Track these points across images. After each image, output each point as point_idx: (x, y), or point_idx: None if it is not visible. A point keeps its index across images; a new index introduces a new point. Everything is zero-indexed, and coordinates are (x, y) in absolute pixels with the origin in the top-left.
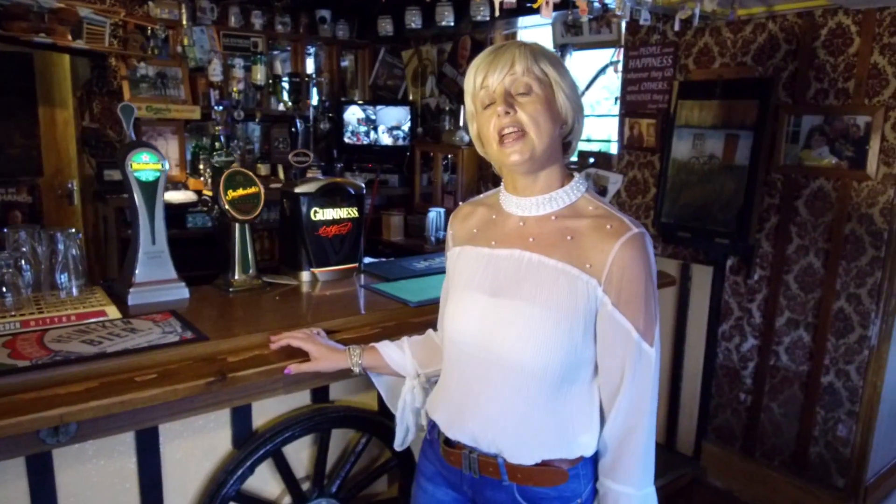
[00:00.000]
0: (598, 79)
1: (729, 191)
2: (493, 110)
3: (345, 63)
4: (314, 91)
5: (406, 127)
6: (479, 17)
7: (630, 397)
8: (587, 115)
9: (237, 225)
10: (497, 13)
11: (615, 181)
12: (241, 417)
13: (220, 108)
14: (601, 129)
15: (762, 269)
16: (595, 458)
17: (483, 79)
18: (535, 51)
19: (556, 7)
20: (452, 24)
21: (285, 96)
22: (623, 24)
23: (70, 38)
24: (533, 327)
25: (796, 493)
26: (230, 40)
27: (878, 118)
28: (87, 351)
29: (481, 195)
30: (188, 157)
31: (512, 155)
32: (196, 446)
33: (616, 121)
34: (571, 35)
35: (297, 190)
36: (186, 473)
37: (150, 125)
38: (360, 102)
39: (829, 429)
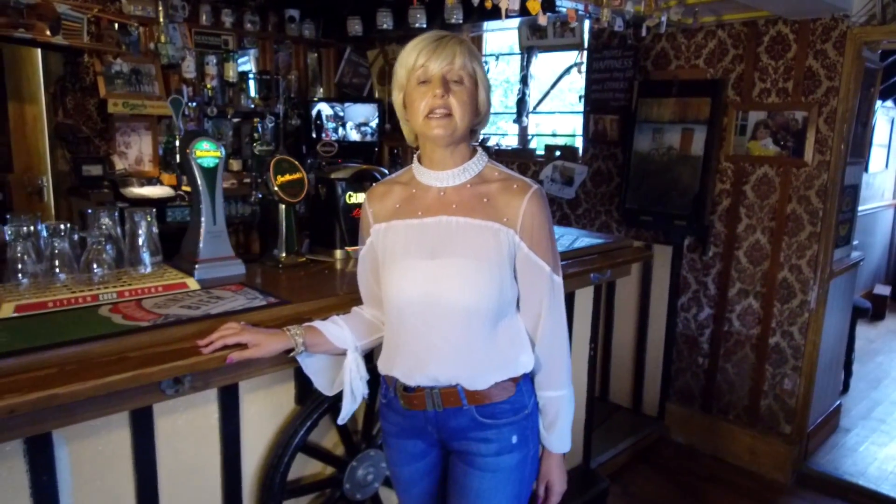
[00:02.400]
0: (562, 78)
1: (685, 178)
2: (428, 89)
3: (308, 61)
4: (282, 88)
5: (374, 123)
6: (453, 20)
7: (551, 320)
8: (554, 112)
9: (283, 207)
10: (503, 16)
11: (581, 172)
12: (303, 376)
13: (194, 104)
14: (566, 124)
15: (716, 246)
16: (533, 376)
17: (425, 61)
18: (470, 51)
19: (524, 13)
20: (425, 26)
21: (253, 93)
22: (586, 29)
23: (49, 33)
24: (470, 276)
25: (750, 441)
26: (201, 38)
27: (813, 113)
28: (192, 314)
29: (391, 175)
30: (160, 152)
31: (436, 129)
32: (267, 402)
33: (580, 117)
34: (536, 38)
35: (333, 176)
36: (259, 427)
37: (124, 121)
38: (327, 99)
39: (777, 383)
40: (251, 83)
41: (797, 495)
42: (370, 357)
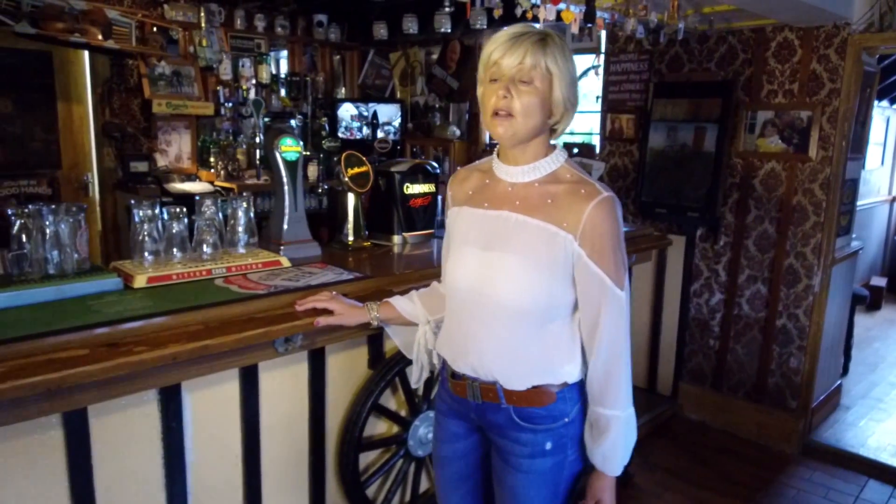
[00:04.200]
0: (580, 80)
1: (698, 173)
2: (496, 87)
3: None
4: (310, 89)
5: (397, 123)
6: (477, 26)
7: (608, 334)
8: None
9: (352, 196)
10: (541, 21)
11: (598, 168)
12: (374, 343)
13: (230, 104)
14: (584, 123)
15: (726, 236)
16: (580, 385)
17: (498, 58)
18: (547, 48)
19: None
20: (449, 30)
21: (283, 93)
22: (603, 35)
23: (101, 38)
24: (519, 275)
25: (758, 417)
26: (236, 41)
27: (817, 113)
28: (296, 284)
29: (476, 161)
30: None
31: (497, 128)
32: (345, 365)
33: (598, 116)
34: None
35: (392, 169)
36: (339, 387)
37: (165, 120)
38: (352, 99)
39: (783, 362)
40: (281, 84)
41: (803, 464)
42: None
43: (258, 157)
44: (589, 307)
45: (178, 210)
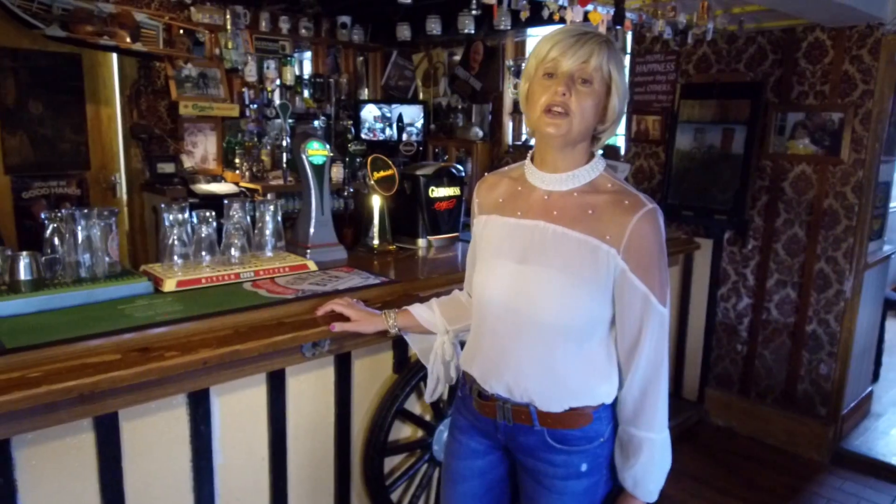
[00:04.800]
0: None
1: (726, 175)
2: (552, 83)
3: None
4: (333, 90)
5: (419, 124)
6: (501, 27)
7: (648, 353)
8: None
9: (378, 199)
10: (568, 21)
11: (623, 170)
12: (399, 348)
13: (254, 106)
14: None
15: (755, 239)
16: (613, 403)
17: (557, 54)
18: (612, 52)
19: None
20: (473, 31)
21: (307, 94)
22: (629, 35)
23: (129, 40)
24: (558, 290)
25: (787, 423)
26: (261, 43)
27: (849, 114)
28: (323, 289)
29: (505, 168)
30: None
31: (549, 127)
32: (371, 370)
33: (623, 117)
34: None
35: (418, 172)
36: (364, 392)
37: (192, 122)
38: (374, 100)
39: (813, 368)
40: (305, 86)
41: (833, 473)
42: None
43: (285, 160)
44: (629, 324)
45: (206, 214)
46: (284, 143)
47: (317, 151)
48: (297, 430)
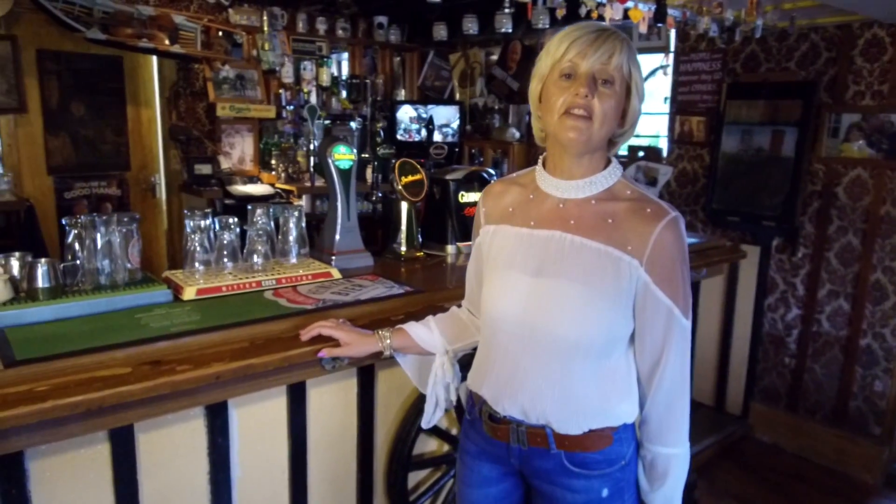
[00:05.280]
0: (647, 80)
1: (775, 180)
2: (571, 84)
3: (392, 65)
4: (369, 91)
5: (455, 125)
6: (539, 26)
7: (672, 369)
8: None
9: (405, 205)
10: (606, 20)
11: (665, 172)
12: None
13: (291, 107)
14: (651, 125)
15: (805, 247)
16: (634, 422)
17: (575, 54)
18: (632, 52)
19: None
20: (510, 30)
21: (344, 95)
22: (672, 33)
23: (167, 42)
24: (577, 305)
25: (837, 442)
26: (298, 44)
27: None
28: (345, 299)
29: (513, 174)
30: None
31: (570, 131)
32: (394, 382)
33: (666, 118)
34: None
35: (447, 177)
36: (388, 405)
37: (229, 123)
38: (410, 101)
39: (867, 385)
40: (341, 87)
41: (886, 496)
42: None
43: (312, 163)
44: (652, 339)
45: (228, 220)
46: (312, 147)
47: (343, 156)
48: (319, 443)
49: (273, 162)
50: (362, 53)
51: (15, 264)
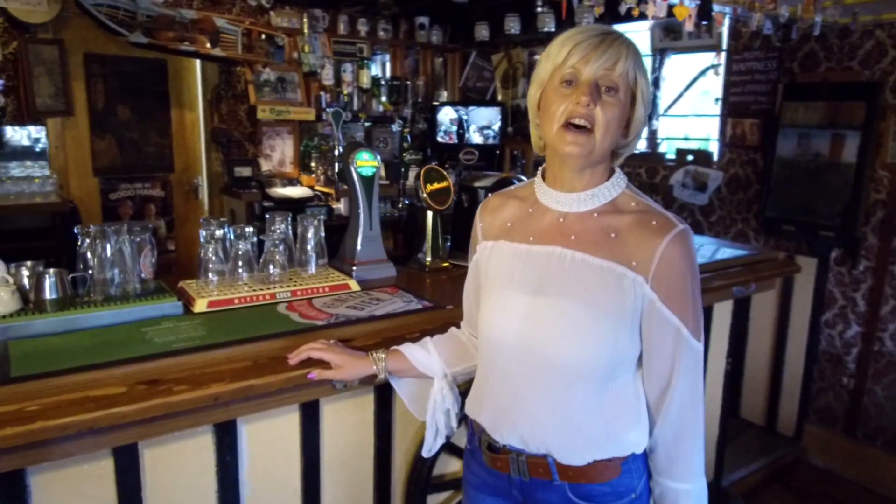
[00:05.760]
0: (697, 80)
1: (835, 187)
2: (572, 92)
3: (434, 66)
4: (410, 93)
5: (496, 126)
6: (583, 24)
7: (681, 394)
8: (687, 115)
9: (431, 214)
10: (649, 17)
11: (715, 178)
12: None
13: (331, 109)
14: (699, 128)
15: (867, 260)
16: (646, 452)
17: (579, 58)
18: (637, 57)
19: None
20: (554, 29)
21: (384, 98)
22: (725, 30)
23: (209, 46)
24: (579, 326)
25: None
26: (338, 46)
27: None
28: (359, 314)
29: (511, 187)
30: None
31: (570, 146)
32: None
33: (715, 121)
34: (670, 40)
35: (476, 184)
36: (407, 423)
37: (270, 126)
38: (451, 103)
39: None
40: (382, 88)
41: None
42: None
43: (336, 170)
44: (660, 362)
45: (245, 229)
46: (337, 153)
47: (366, 162)
48: (333, 462)
49: (312, 164)
50: (404, 55)
51: (25, 274)
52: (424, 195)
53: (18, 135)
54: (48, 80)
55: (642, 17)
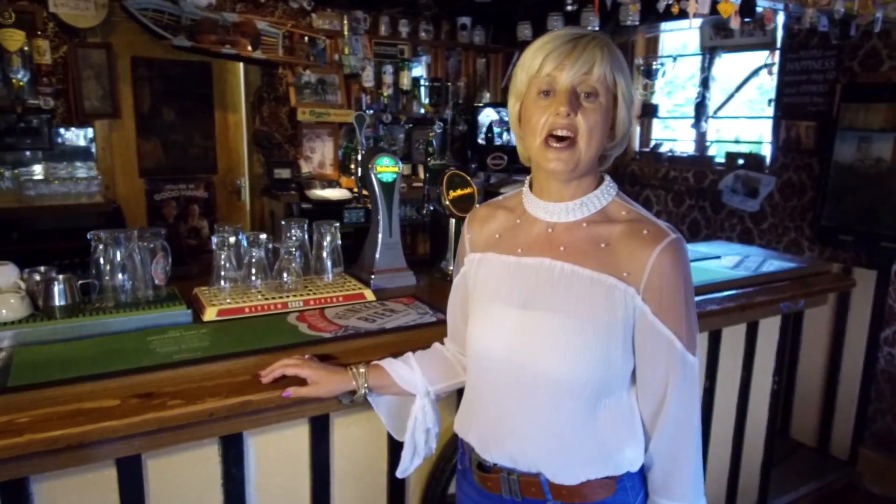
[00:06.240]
0: (749, 80)
1: None
2: (550, 103)
3: (476, 67)
4: (451, 94)
5: None
6: (628, 22)
7: (677, 410)
8: (738, 117)
9: (454, 221)
10: (690, 15)
11: (767, 183)
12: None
13: (371, 111)
14: (751, 130)
15: None
16: (643, 469)
17: (553, 67)
18: (614, 56)
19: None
20: (598, 28)
21: (424, 99)
22: (779, 27)
23: (250, 48)
24: (569, 340)
25: None
26: (379, 48)
27: None
28: (369, 326)
29: (500, 197)
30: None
31: (554, 162)
32: None
33: (768, 123)
34: (721, 38)
35: (501, 191)
36: None
37: (310, 128)
38: (493, 104)
39: None
40: (422, 90)
41: None
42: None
43: (357, 175)
44: (653, 377)
45: (258, 236)
46: (359, 158)
47: (387, 168)
48: (344, 477)
49: (352, 166)
50: (445, 56)
51: (37, 279)
52: (447, 202)
53: (67, 137)
54: (96, 83)
55: (682, 14)
